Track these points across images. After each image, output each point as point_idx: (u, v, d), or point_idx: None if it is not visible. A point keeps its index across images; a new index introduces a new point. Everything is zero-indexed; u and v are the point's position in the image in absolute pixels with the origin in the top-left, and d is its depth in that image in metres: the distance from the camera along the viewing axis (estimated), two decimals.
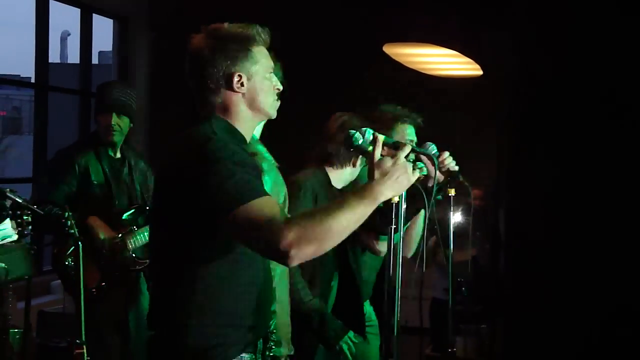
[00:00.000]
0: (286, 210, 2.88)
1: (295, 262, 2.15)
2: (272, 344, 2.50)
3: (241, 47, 2.38)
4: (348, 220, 2.17)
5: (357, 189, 2.30)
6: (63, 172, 4.11)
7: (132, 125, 4.30)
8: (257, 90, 2.40)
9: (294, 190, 3.22)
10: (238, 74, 2.36)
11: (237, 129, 2.40)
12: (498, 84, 6.04)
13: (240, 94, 2.38)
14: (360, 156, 3.34)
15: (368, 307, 3.70)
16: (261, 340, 2.41)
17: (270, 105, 2.44)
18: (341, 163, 3.47)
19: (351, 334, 3.40)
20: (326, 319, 3.33)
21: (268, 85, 2.42)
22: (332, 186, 3.46)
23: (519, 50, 5.13)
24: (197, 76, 2.40)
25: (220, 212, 2.17)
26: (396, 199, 2.36)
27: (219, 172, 2.18)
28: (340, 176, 3.50)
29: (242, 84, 2.37)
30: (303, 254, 2.13)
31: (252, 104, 2.40)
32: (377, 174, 2.26)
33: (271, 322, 2.56)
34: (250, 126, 2.45)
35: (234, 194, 2.16)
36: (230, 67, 2.36)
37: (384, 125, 3.49)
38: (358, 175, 3.54)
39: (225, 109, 2.39)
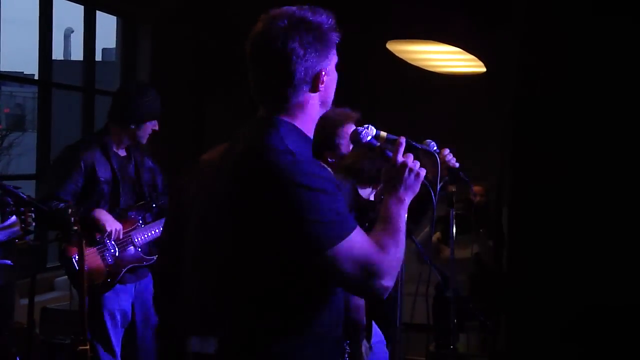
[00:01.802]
0: None
1: (387, 294, 2.05)
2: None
3: (326, 40, 2.14)
4: (404, 233, 2.13)
5: (384, 203, 2.20)
6: (69, 168, 4.12)
7: None
8: (330, 86, 2.19)
9: None
10: (323, 71, 2.13)
11: (304, 132, 2.16)
12: (501, 81, 6.04)
13: (318, 93, 2.16)
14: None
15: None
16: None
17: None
18: (369, 180, 3.40)
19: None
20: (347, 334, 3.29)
21: (336, 78, 2.22)
22: (360, 196, 3.41)
23: (522, 47, 5.13)
24: (277, 70, 2.11)
25: (312, 252, 1.99)
26: None
27: (307, 208, 1.97)
28: (366, 190, 3.46)
29: (323, 82, 2.14)
30: (393, 283, 2.05)
31: (324, 102, 2.20)
32: (387, 185, 2.23)
33: None
34: (314, 124, 2.22)
35: (330, 231, 1.98)
36: (317, 65, 2.11)
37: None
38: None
39: (299, 108, 2.14)
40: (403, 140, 2.31)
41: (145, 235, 4.23)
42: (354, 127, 3.61)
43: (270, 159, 2.03)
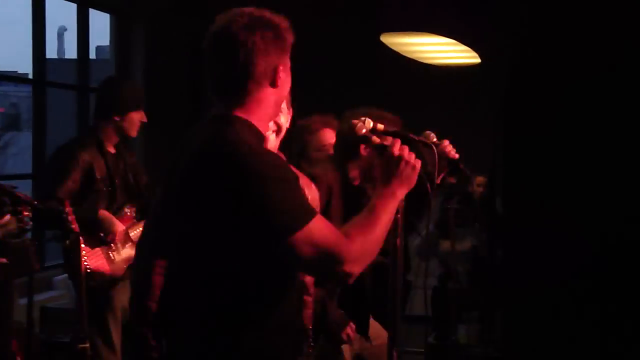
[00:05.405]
0: None
1: (352, 280, 2.07)
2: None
3: (283, 39, 2.16)
4: (387, 227, 2.15)
5: (376, 194, 2.22)
6: (68, 167, 4.11)
7: None
8: (285, 85, 2.20)
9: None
10: (282, 66, 2.16)
11: (258, 130, 2.16)
12: (496, 71, 6.04)
13: (275, 89, 2.17)
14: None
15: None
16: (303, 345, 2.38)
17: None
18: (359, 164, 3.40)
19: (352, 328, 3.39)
20: (328, 308, 3.31)
21: (290, 80, 2.23)
22: (348, 183, 3.41)
23: (516, 37, 5.13)
24: (239, 63, 2.11)
25: (276, 239, 2.01)
26: None
27: (268, 195, 1.99)
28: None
29: (280, 77, 2.16)
30: (360, 270, 2.07)
31: (278, 102, 2.21)
32: (382, 177, 2.23)
33: None
34: (268, 122, 2.25)
35: (290, 218, 2.00)
36: (276, 60, 2.14)
37: None
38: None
39: (256, 104, 2.15)
40: (399, 133, 2.32)
41: (141, 231, 4.25)
42: (330, 133, 3.64)
43: (228, 150, 2.04)
